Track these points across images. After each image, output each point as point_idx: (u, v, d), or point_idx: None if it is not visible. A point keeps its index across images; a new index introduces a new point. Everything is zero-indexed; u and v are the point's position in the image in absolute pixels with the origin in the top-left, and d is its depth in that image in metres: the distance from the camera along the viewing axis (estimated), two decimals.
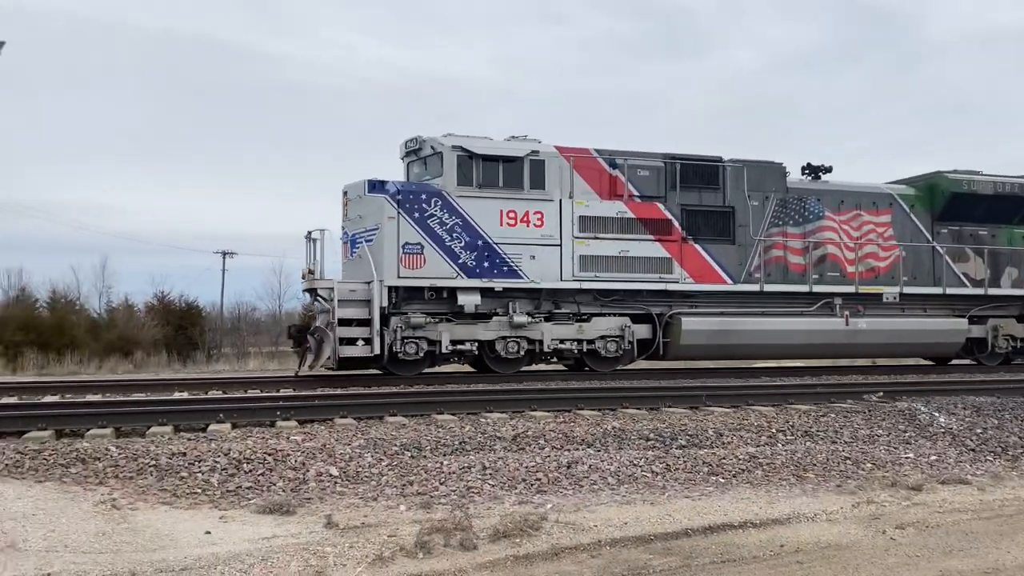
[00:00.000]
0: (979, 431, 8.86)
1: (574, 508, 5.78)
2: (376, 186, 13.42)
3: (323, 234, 13.68)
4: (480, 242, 13.55)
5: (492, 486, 6.34)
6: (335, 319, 12.73)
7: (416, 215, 13.27)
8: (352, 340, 12.82)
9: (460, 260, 13.46)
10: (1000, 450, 8.34)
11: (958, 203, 16.70)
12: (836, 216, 15.95)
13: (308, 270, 13.61)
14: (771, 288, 15.25)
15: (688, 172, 14.91)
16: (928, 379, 13.66)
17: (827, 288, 15.66)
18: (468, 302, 13.42)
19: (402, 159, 14.82)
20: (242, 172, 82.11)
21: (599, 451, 7.42)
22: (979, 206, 16.87)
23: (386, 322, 13.06)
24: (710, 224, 14.98)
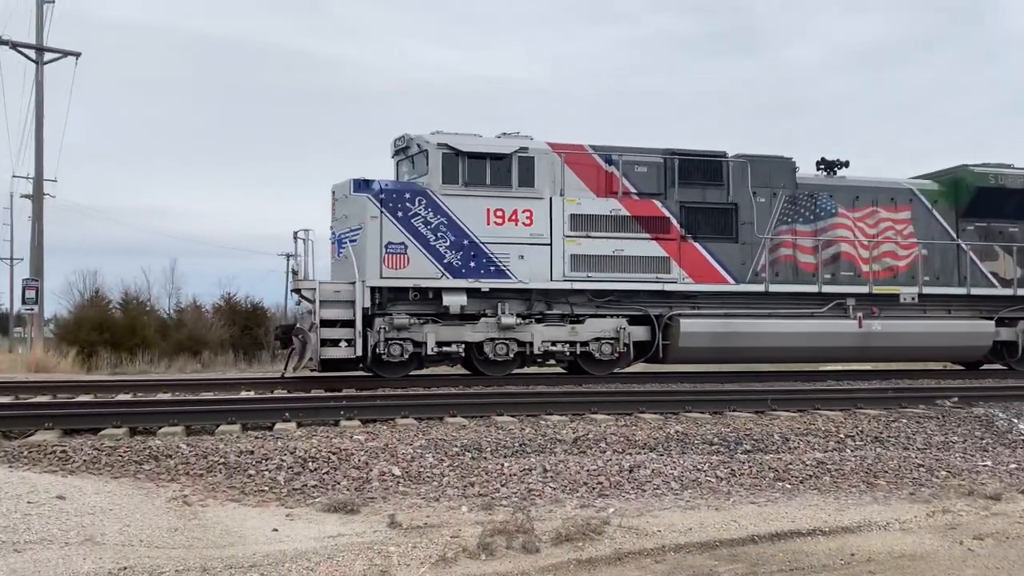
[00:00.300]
0: None
1: (637, 512, 5.71)
2: (361, 185, 13.24)
3: (307, 234, 13.55)
4: (466, 241, 13.29)
5: (553, 489, 6.31)
6: (317, 320, 12.62)
7: (399, 214, 13.07)
8: (335, 341, 12.67)
9: (445, 260, 13.22)
10: None
11: (985, 198, 15.79)
12: (850, 213, 15.29)
13: (292, 270, 13.50)
14: (777, 288, 14.67)
15: (689, 168, 14.45)
16: (1005, 384, 13.12)
17: (839, 288, 14.97)
18: (453, 303, 13.16)
19: (392, 158, 14.57)
20: (305, 174, 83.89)
21: (662, 455, 7.33)
22: (1008, 201, 15.92)
23: (371, 323, 12.89)
24: (711, 222, 14.48)
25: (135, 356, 25.11)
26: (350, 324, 12.69)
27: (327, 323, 12.69)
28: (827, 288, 14.88)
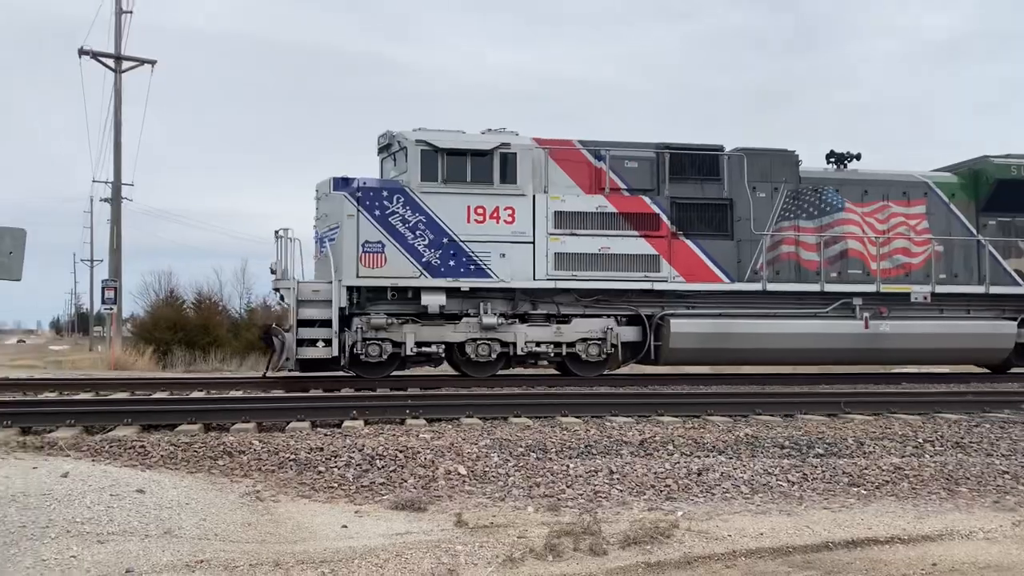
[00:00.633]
0: None
1: (706, 516, 5.61)
2: (340, 183, 12.99)
3: (287, 232, 13.41)
4: (445, 240, 12.97)
5: (620, 491, 6.25)
6: (294, 320, 12.54)
7: (377, 213, 12.81)
8: (313, 341, 12.48)
9: (424, 259, 12.91)
10: None
11: (1007, 191, 14.79)
12: (858, 208, 14.53)
13: (271, 269, 13.43)
14: (776, 287, 13.94)
15: (682, 163, 13.93)
16: None
17: (844, 287, 14.18)
18: (432, 302, 12.87)
19: (378, 156, 14.31)
20: (372, 176, 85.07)
21: (731, 458, 7.19)
22: None
23: (349, 323, 12.73)
24: (705, 218, 13.87)
25: (208, 354, 25.87)
26: (328, 324, 12.54)
27: (305, 323, 12.57)
28: (830, 287, 14.11)
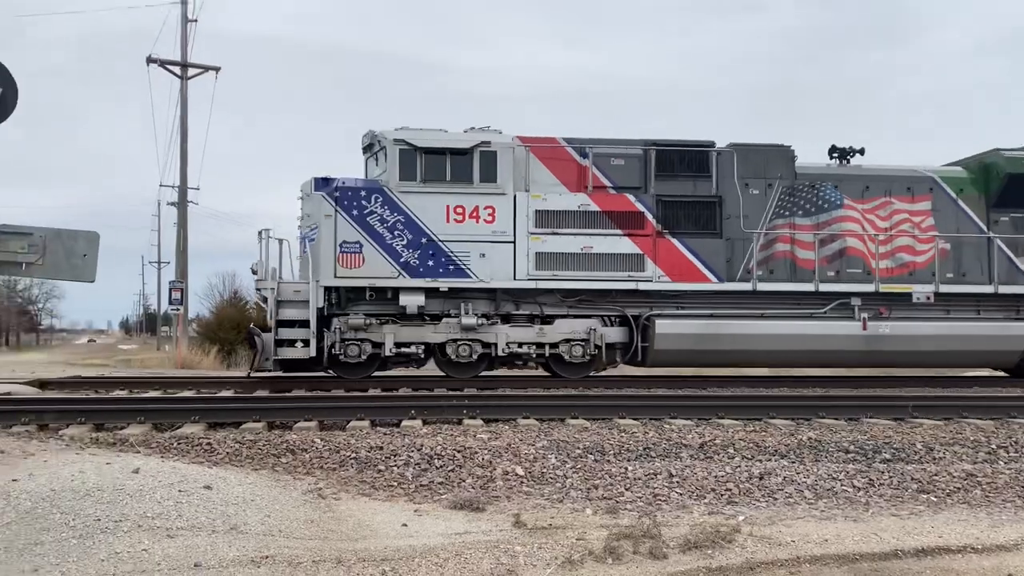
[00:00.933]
0: None
1: (768, 521, 5.51)
2: (320, 183, 13.01)
3: (267, 233, 13.38)
4: (424, 239, 12.89)
5: (679, 494, 6.18)
6: (273, 320, 12.60)
7: (354, 212, 12.80)
8: (292, 342, 12.51)
9: (402, 259, 12.84)
10: None
11: (1019, 185, 14.08)
12: (858, 204, 13.98)
13: (252, 270, 13.44)
14: (767, 287, 13.53)
15: (670, 160, 13.59)
16: None
17: (841, 287, 13.69)
18: (410, 303, 12.83)
19: (363, 155, 14.20)
20: None
21: (793, 462, 7.04)
22: None
23: (328, 324, 12.77)
24: (692, 216, 13.50)
25: None
26: (308, 324, 12.59)
27: (286, 323, 12.62)
28: (826, 287, 13.64)
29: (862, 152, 14.59)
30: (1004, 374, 15.05)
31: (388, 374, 13.80)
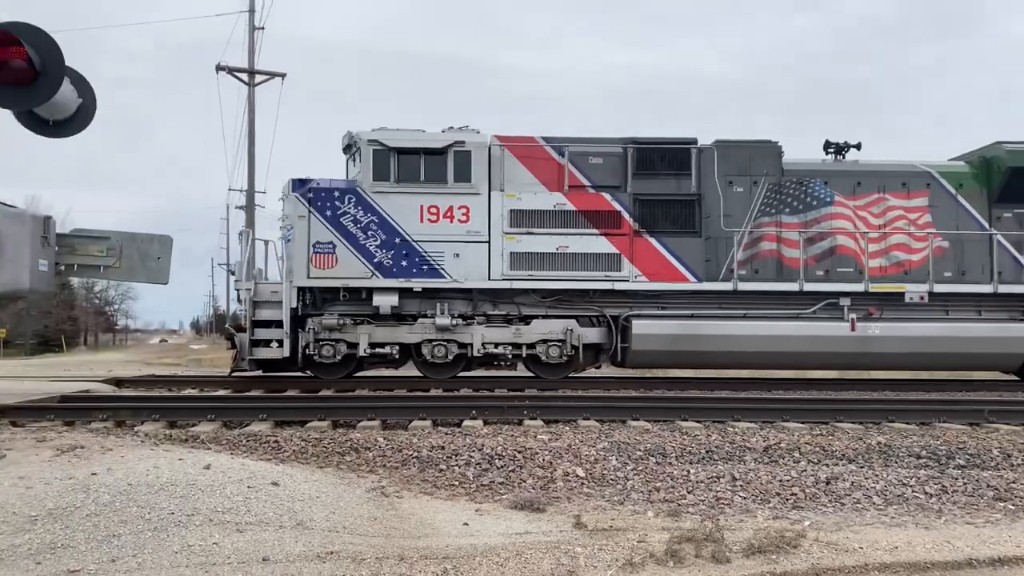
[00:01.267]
0: None
1: (835, 527, 5.39)
2: (296, 184, 13.00)
3: (247, 234, 13.39)
4: (398, 240, 12.82)
5: (743, 498, 6.09)
6: (249, 321, 12.69)
7: (328, 213, 12.79)
8: (268, 342, 12.59)
9: (376, 259, 12.79)
10: None
11: (1022, 180, 13.40)
12: (850, 201, 13.48)
13: (229, 271, 13.67)
14: (748, 287, 13.15)
15: (650, 158, 13.28)
16: None
17: (828, 287, 13.24)
18: (384, 303, 12.77)
19: (344, 155, 14.19)
20: None
21: (862, 467, 6.88)
22: None
23: (303, 324, 12.81)
24: (670, 215, 13.20)
25: None
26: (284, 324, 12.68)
27: (263, 323, 12.73)
28: (812, 286, 13.22)
29: (858, 147, 14.15)
30: (1015, 377, 14.32)
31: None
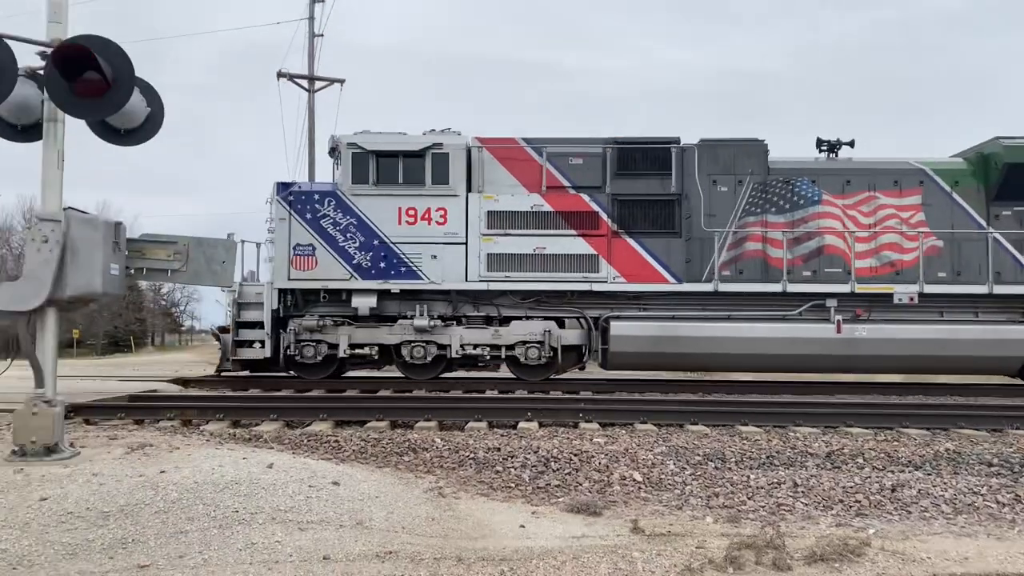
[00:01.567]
0: None
1: (901, 536, 5.24)
2: (280, 188, 13.17)
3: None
4: (376, 242, 12.93)
5: (805, 505, 5.97)
6: (233, 322, 12.94)
7: (308, 216, 12.95)
8: (251, 342, 12.89)
9: (354, 261, 12.92)
10: None
11: (1021, 176, 12.80)
12: (839, 200, 13.08)
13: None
14: (729, 288, 12.86)
15: (631, 157, 13.06)
16: None
17: (813, 288, 12.87)
18: (362, 304, 12.91)
19: (330, 158, 14.26)
20: None
21: (929, 474, 6.68)
22: None
23: (285, 325, 13.01)
24: (649, 216, 13.01)
25: None
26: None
27: (246, 324, 13.02)
28: (796, 287, 12.87)
29: (851, 144, 13.73)
30: (1020, 381, 13.63)
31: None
